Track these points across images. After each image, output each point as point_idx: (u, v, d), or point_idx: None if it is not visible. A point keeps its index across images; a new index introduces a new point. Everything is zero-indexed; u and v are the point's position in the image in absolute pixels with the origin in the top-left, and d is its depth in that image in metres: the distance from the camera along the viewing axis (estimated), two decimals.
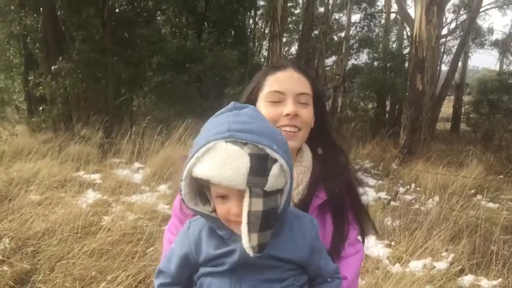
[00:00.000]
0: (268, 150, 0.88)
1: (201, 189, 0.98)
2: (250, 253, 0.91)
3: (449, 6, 22.56)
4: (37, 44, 11.37)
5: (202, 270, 1.04)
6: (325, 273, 1.09)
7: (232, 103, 1.00)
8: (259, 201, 0.88)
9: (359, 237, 1.39)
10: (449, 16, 22.90)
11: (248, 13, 19.78)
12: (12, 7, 11.31)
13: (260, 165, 0.87)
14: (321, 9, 25.68)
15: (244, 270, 0.99)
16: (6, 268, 3.57)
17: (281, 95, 1.25)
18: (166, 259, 1.09)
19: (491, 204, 6.29)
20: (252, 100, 1.29)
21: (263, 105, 1.26)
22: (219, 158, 0.87)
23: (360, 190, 1.38)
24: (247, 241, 0.90)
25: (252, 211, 0.88)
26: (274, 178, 0.88)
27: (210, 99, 12.84)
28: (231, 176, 0.86)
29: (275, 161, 0.89)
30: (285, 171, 0.91)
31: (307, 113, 1.26)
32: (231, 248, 0.99)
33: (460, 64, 19.61)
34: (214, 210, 0.98)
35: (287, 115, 1.22)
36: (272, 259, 0.99)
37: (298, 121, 1.24)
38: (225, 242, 1.00)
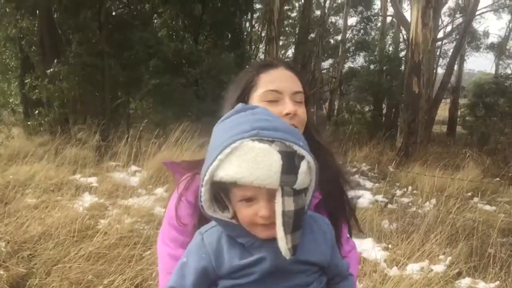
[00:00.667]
0: (296, 147, 0.86)
1: (218, 195, 0.92)
2: (287, 255, 0.87)
3: (445, 9, 22.67)
4: (33, 47, 11.34)
5: (224, 283, 0.96)
6: (342, 271, 1.08)
7: (240, 105, 0.98)
8: (290, 200, 0.84)
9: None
10: (445, 19, 23.01)
11: (245, 16, 19.83)
12: (8, 10, 11.28)
13: (290, 162, 0.84)
14: (318, 12, 25.78)
15: (272, 279, 0.94)
16: (2, 272, 3.55)
17: (278, 94, 1.19)
18: (178, 276, 0.98)
19: (487, 207, 6.31)
20: (243, 100, 1.19)
21: (260, 105, 1.13)
22: (248, 158, 0.83)
23: (355, 191, 1.38)
24: (284, 243, 0.86)
25: (285, 211, 0.84)
26: (303, 175, 0.86)
27: (207, 102, 12.84)
28: (263, 175, 0.82)
29: (302, 158, 0.86)
30: (311, 168, 0.89)
31: (303, 112, 1.24)
32: (260, 256, 0.93)
33: (456, 67, 19.69)
34: (233, 217, 0.92)
35: (287, 114, 1.17)
36: (300, 263, 0.95)
37: (296, 120, 1.20)
38: (247, 251, 0.94)
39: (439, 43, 20.72)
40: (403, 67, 17.60)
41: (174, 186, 1.21)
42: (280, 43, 21.12)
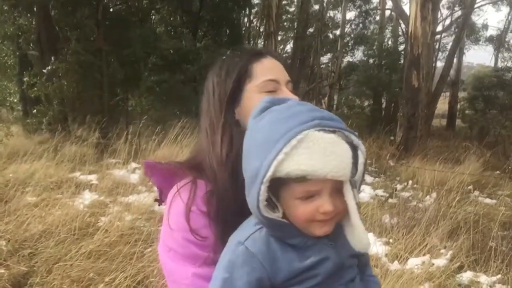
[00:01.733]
0: (353, 137, 0.82)
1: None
2: (366, 248, 0.85)
3: (443, 2, 22.62)
4: (31, 45, 11.30)
5: None
6: (369, 262, 1.05)
7: (269, 98, 0.90)
8: (356, 192, 0.82)
9: None
10: (444, 12, 22.94)
11: (243, 12, 19.76)
12: (5, 8, 11.23)
13: (354, 153, 0.81)
14: (316, 7, 25.66)
15: (331, 279, 0.88)
16: (3, 271, 3.55)
17: (276, 84, 1.10)
18: None
19: (488, 200, 6.31)
20: (235, 92, 1.08)
21: (257, 97, 1.04)
22: (318, 149, 0.77)
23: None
24: (366, 236, 0.84)
25: (357, 204, 0.82)
26: (362, 166, 0.83)
27: None
28: (336, 167, 0.77)
29: (357, 148, 0.83)
30: (364, 160, 0.85)
31: None
32: (323, 256, 0.87)
33: (455, 60, 19.66)
34: (283, 216, 0.85)
35: None
36: (351, 257, 0.92)
37: None
38: (302, 252, 0.86)
39: (438, 36, 20.66)
40: (402, 61, 17.60)
41: (157, 194, 1.12)
42: (279, 38, 21.07)
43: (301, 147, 0.77)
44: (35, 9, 10.76)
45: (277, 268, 0.85)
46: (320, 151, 0.77)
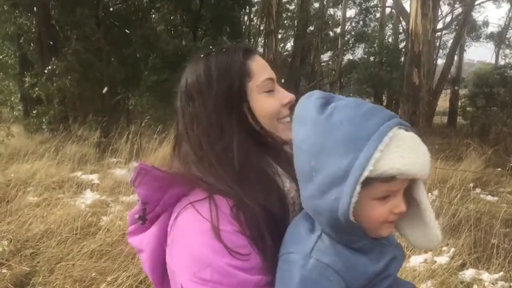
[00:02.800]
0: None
1: None
2: (435, 247, 0.86)
3: None
4: (31, 44, 11.29)
5: None
6: None
7: (320, 93, 0.86)
8: None
9: None
10: (444, 9, 22.91)
11: (243, 10, 19.73)
12: (5, 8, 11.23)
13: None
14: (316, 5, 25.64)
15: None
16: (5, 271, 3.56)
17: (273, 83, 1.01)
18: None
19: (490, 197, 6.30)
20: (237, 94, 0.96)
21: (260, 98, 0.97)
22: (406, 147, 0.76)
23: None
24: (439, 233, 0.83)
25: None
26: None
27: None
28: (422, 166, 0.77)
29: None
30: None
31: None
32: (393, 255, 0.85)
33: (456, 57, 19.64)
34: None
35: (289, 103, 1.00)
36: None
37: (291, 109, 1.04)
38: (368, 255, 0.82)
39: (439, 33, 20.64)
40: (402, 59, 17.57)
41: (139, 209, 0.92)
42: (279, 36, 21.05)
43: (392, 146, 0.75)
44: (35, 9, 10.76)
45: (354, 275, 0.79)
46: (409, 150, 0.76)
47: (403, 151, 0.75)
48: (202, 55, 1.00)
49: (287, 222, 0.89)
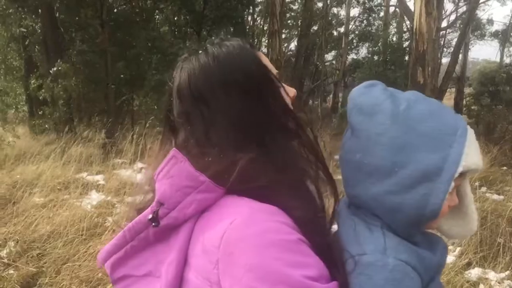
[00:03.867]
0: None
1: None
2: (470, 235, 0.89)
3: None
4: (36, 46, 11.33)
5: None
6: None
7: (379, 82, 0.86)
8: None
9: None
10: (448, 8, 22.84)
11: (247, 10, 19.75)
12: (11, 10, 11.30)
13: None
14: (320, 4, 25.60)
15: None
16: (12, 272, 3.58)
17: (280, 77, 0.90)
18: None
19: (496, 196, 6.27)
20: (269, 83, 0.84)
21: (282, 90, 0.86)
22: (476, 144, 0.79)
23: None
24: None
25: None
26: None
27: None
28: (480, 160, 0.79)
29: None
30: None
31: None
32: (442, 246, 0.85)
33: (460, 56, 19.56)
34: None
35: (294, 96, 0.91)
36: None
37: None
38: (426, 248, 0.81)
39: (443, 32, 20.57)
40: (407, 57, 17.52)
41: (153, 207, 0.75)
42: (283, 36, 21.04)
43: (472, 141, 0.77)
44: (39, 10, 10.81)
45: (425, 269, 0.77)
46: (477, 146, 0.79)
47: (476, 148, 0.78)
48: (199, 51, 0.85)
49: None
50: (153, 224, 0.74)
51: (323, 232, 0.76)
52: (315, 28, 23.83)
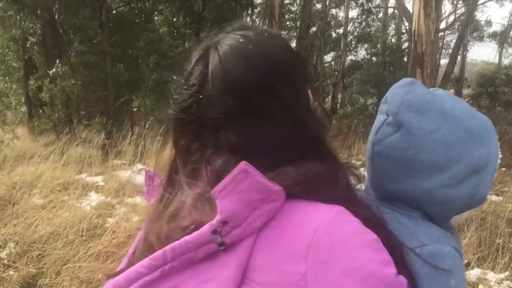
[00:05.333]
0: None
1: None
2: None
3: None
4: (35, 47, 11.34)
5: None
6: None
7: (417, 80, 0.91)
8: None
9: None
10: (446, 10, 22.89)
11: (246, 12, 19.77)
12: (10, 12, 11.30)
13: None
14: (318, 6, 25.65)
15: None
16: (12, 273, 3.58)
17: None
18: None
19: (495, 197, 6.29)
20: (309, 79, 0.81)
21: None
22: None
23: (362, 185, 1.18)
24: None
25: None
26: None
27: None
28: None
29: None
30: None
31: None
32: (454, 231, 0.92)
33: (459, 57, 19.60)
34: None
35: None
36: None
37: None
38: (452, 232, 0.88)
39: (442, 33, 20.61)
40: (405, 59, 17.56)
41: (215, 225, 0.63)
42: None
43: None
44: (38, 12, 10.82)
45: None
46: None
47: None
48: (239, 35, 0.73)
49: None
50: (222, 248, 0.64)
51: (382, 228, 0.72)
52: (314, 29, 23.87)
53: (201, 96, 0.71)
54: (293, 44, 27.86)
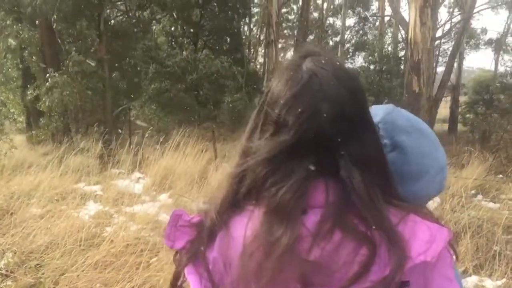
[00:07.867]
0: None
1: None
2: None
3: (445, 2, 22.79)
4: (34, 57, 11.37)
5: None
6: None
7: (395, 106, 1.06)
8: None
9: None
10: (442, 18, 23.04)
11: (243, 20, 19.87)
12: (8, 22, 11.35)
13: None
14: (316, 14, 25.82)
15: None
16: (10, 283, 3.57)
17: None
18: None
19: (491, 204, 6.31)
20: None
21: None
22: None
23: None
24: None
25: None
26: None
27: (208, 106, 12.86)
28: None
29: None
30: None
31: None
32: None
33: (455, 65, 19.68)
34: None
35: None
36: None
37: None
38: None
39: (438, 41, 20.73)
40: (402, 67, 17.63)
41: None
42: (279, 46, 21.16)
43: None
44: (37, 22, 10.87)
45: None
46: None
47: None
48: (327, 63, 0.79)
49: None
50: None
51: None
52: (311, 37, 24.00)
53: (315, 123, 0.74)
54: (291, 53, 27.97)
